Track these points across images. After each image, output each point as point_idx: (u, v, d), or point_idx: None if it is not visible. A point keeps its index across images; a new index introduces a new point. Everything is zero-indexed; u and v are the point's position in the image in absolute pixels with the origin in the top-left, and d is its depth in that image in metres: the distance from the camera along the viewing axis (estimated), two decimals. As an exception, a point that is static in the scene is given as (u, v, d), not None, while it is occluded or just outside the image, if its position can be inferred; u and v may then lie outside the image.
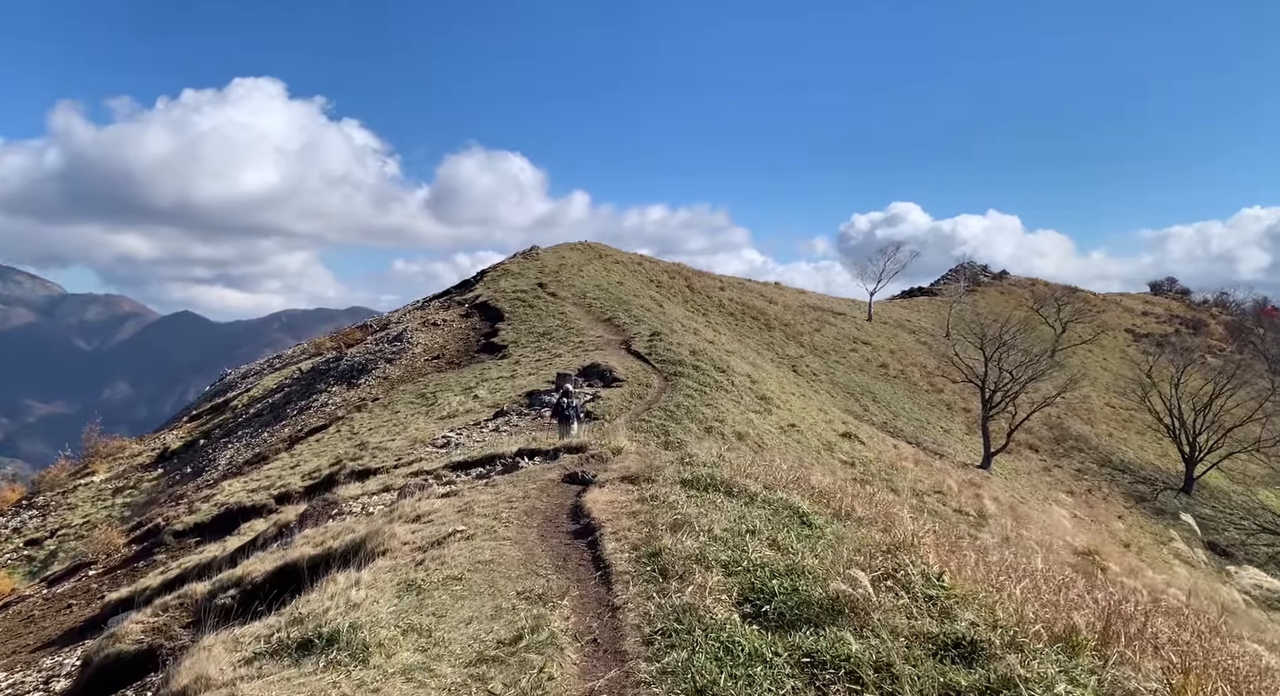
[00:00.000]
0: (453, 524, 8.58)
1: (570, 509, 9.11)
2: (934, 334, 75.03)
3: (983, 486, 33.27)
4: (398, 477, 15.90)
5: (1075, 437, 58.08)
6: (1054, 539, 28.82)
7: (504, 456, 15.01)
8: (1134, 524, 46.96)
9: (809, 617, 5.67)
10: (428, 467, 16.02)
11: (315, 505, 13.71)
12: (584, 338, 36.42)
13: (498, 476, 12.07)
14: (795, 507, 8.56)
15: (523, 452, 14.68)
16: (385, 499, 14.04)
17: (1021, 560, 9.43)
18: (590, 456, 12.24)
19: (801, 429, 28.84)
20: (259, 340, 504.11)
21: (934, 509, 25.45)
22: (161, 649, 8.59)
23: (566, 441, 14.15)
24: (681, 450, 11.90)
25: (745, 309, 59.09)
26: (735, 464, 10.77)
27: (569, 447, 13.69)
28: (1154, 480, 54.99)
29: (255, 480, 26.81)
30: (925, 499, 26.10)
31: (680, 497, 8.68)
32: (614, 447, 12.66)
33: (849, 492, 10.28)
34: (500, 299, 43.65)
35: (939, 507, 25.72)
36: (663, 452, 12.26)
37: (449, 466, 15.79)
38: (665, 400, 26.71)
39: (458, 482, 13.10)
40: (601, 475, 10.39)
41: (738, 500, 8.77)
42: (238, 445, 37.26)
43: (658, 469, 10.09)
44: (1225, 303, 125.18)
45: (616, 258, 58.39)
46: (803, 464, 13.53)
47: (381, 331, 45.50)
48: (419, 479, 15.31)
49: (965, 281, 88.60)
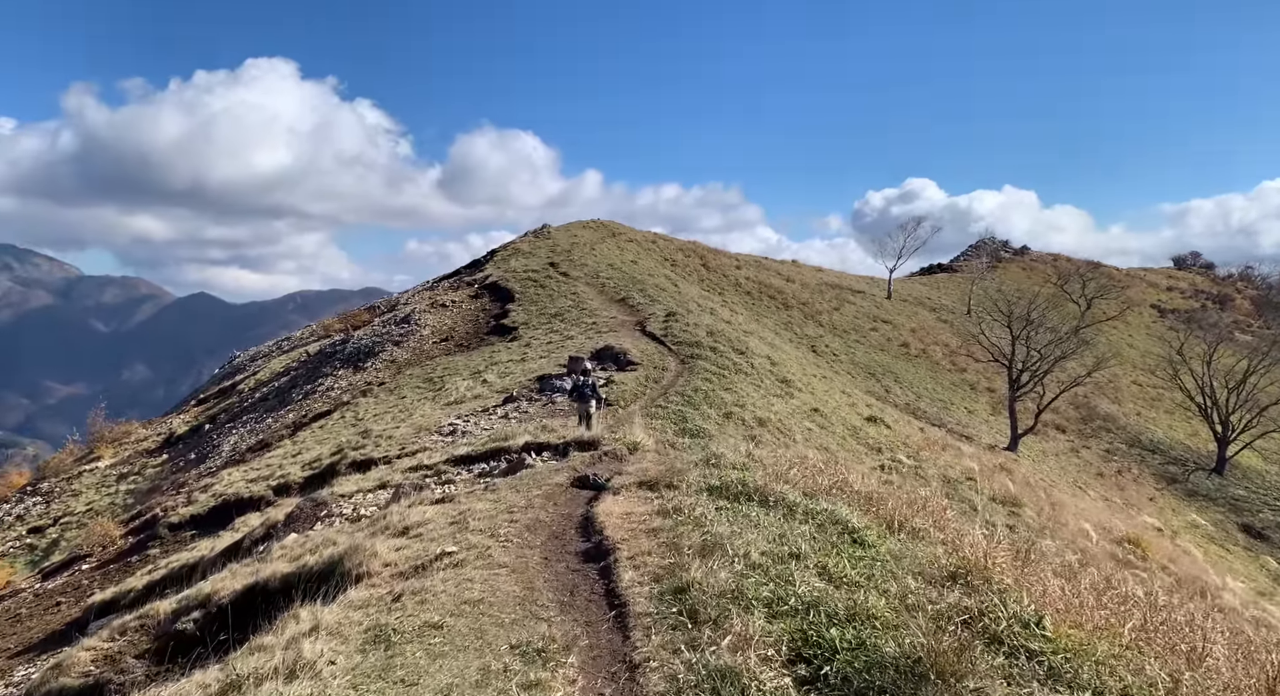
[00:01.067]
0: (443, 542, 7.38)
1: (580, 521, 7.87)
2: (955, 311, 73.31)
3: (1013, 470, 31.88)
4: (396, 472, 14.72)
5: (1103, 417, 56.47)
6: (1090, 526, 27.46)
7: (510, 450, 13.78)
8: (1166, 506, 45.47)
9: (883, 686, 4.41)
10: (428, 461, 14.82)
11: (303, 505, 12.56)
12: (597, 319, 35.12)
13: (499, 478, 10.86)
14: (843, 521, 7.29)
15: (530, 446, 13.45)
16: (379, 498, 12.87)
17: (1115, 583, 8.09)
18: (603, 454, 10.98)
19: (825, 413, 27.52)
20: (274, 321, 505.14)
21: (966, 496, 24.13)
22: (110, 685, 7.45)
23: (579, 435, 12.90)
24: (705, 448, 10.62)
25: (762, 288, 57.60)
26: (767, 464, 9.49)
27: (580, 442, 12.45)
28: (1185, 461, 53.36)
29: (255, 469, 25.78)
30: (957, 486, 24.78)
31: (708, 510, 7.42)
32: (630, 443, 11.41)
33: (899, 497, 9.00)
34: (511, 279, 42.37)
35: (971, 495, 24.39)
36: (684, 452, 10.97)
37: (451, 460, 14.59)
38: (682, 384, 25.43)
39: (457, 482, 11.90)
40: (616, 479, 9.15)
41: (774, 512, 7.51)
42: (242, 430, 36.29)
43: (680, 472, 8.83)
44: (1250, 276, 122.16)
45: (630, 236, 56.95)
46: (836, 459, 12.20)
47: (389, 313, 44.36)
48: (417, 475, 14.12)
49: (986, 258, 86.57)
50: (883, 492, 8.96)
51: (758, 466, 9.20)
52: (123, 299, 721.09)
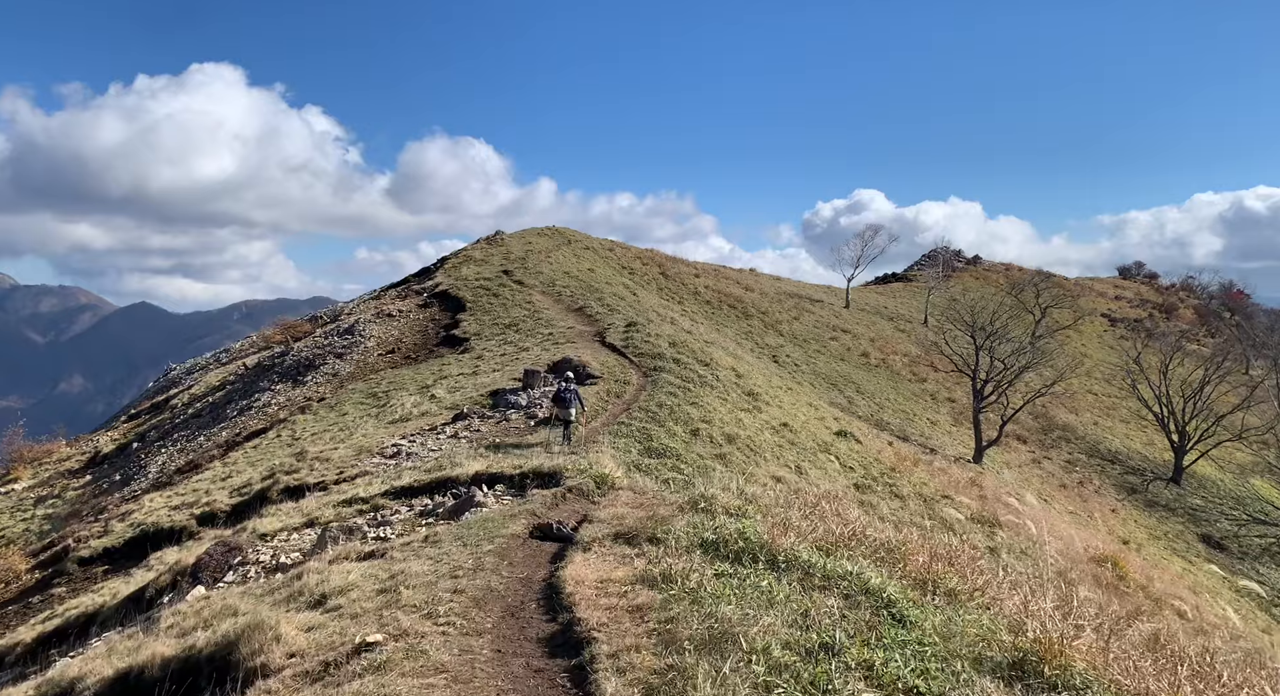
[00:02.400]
0: (365, 623, 5.77)
1: (542, 590, 6.29)
2: (912, 320, 72.99)
3: (984, 486, 30.91)
4: (327, 507, 12.92)
5: (1061, 427, 56.23)
6: (1066, 544, 26.54)
7: (457, 482, 12.10)
8: (1128, 517, 45.11)
9: None
10: (364, 493, 13.06)
11: (215, 551, 10.74)
12: (553, 329, 33.45)
13: (443, 523, 9.20)
14: (875, 589, 5.83)
15: (481, 478, 11.78)
16: (305, 540, 11.10)
17: (1164, 638, 6.72)
18: (568, 491, 9.37)
19: (794, 428, 26.19)
20: (220, 331, 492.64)
21: (945, 516, 22.97)
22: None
23: (538, 465, 11.25)
24: (691, 485, 9.10)
25: (722, 297, 56.42)
26: (766, 507, 8.00)
27: (540, 474, 10.82)
28: (1143, 470, 53.24)
29: (180, 495, 23.61)
30: (934, 505, 23.61)
31: (705, 576, 5.89)
32: (598, 476, 9.84)
33: (924, 548, 7.57)
34: (462, 287, 40.49)
35: (951, 514, 23.25)
36: (665, 490, 9.43)
37: (390, 493, 12.84)
38: (646, 399, 23.92)
39: (394, 522, 10.20)
40: (586, 528, 7.57)
41: (787, 577, 6.02)
42: (172, 450, 33.88)
43: (664, 521, 7.29)
44: (1192, 286, 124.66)
45: (586, 243, 55.38)
46: (836, 497, 10.75)
47: (333, 323, 42.14)
48: (351, 510, 12.36)
49: (940, 267, 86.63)
50: (905, 542, 7.53)
51: (756, 511, 7.72)
52: (60, 309, 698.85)
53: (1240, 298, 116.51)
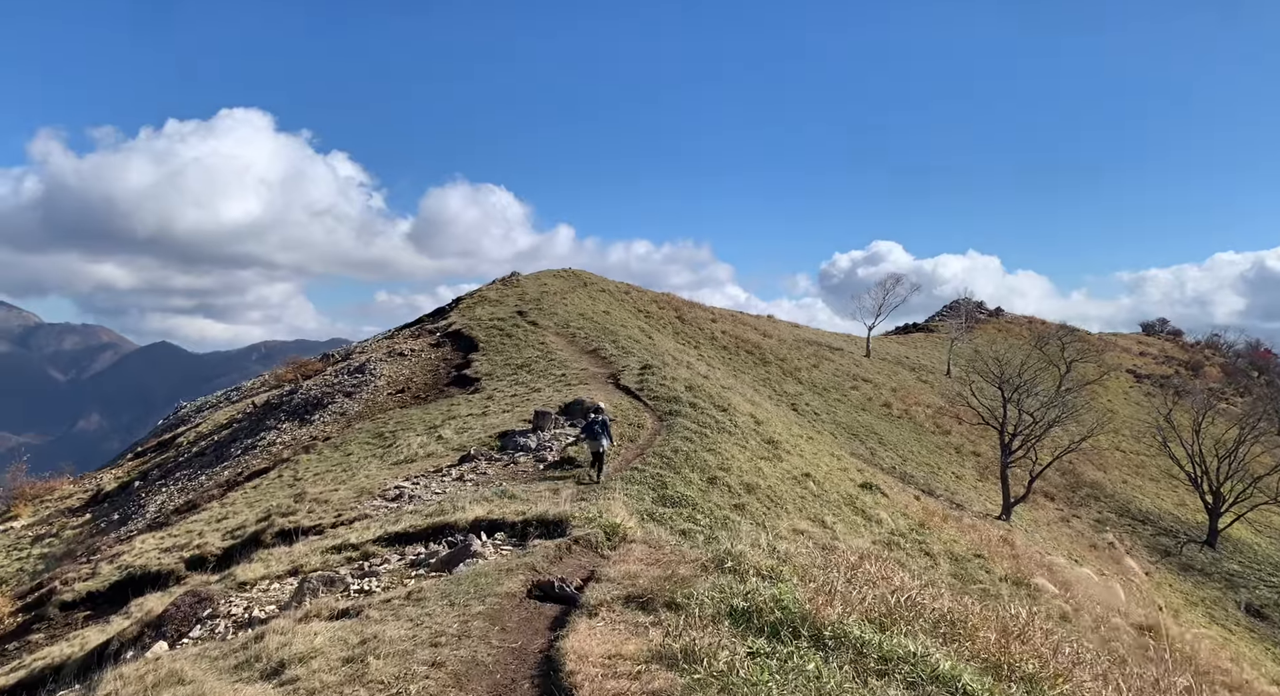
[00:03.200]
0: (321, 703, 4.73)
1: (538, 666, 5.20)
2: (935, 371, 71.60)
3: (1016, 544, 29.41)
4: (315, 554, 11.87)
5: (1090, 484, 54.41)
6: (1106, 610, 24.96)
7: (455, 528, 11.05)
8: (1162, 581, 43.16)
9: None
10: (355, 540, 12.01)
11: (183, 602, 9.70)
12: (566, 370, 32.50)
13: (430, 579, 8.11)
14: (945, 676, 4.75)
15: (480, 524, 10.73)
16: (285, 590, 10.05)
17: None
18: (574, 542, 8.29)
19: (818, 479, 24.96)
20: (238, 371, 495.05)
21: (977, 578, 21.57)
22: None
23: (542, 511, 10.19)
24: (715, 541, 8.01)
25: (739, 342, 55.40)
26: (803, 568, 6.90)
27: (544, 521, 9.76)
28: (1176, 532, 51.24)
29: (173, 536, 22.58)
30: (966, 565, 22.22)
31: (737, 655, 4.81)
32: (608, 526, 8.77)
33: (990, 621, 6.44)
34: (475, 327, 39.72)
35: (983, 576, 21.84)
36: (685, 545, 8.34)
37: (383, 539, 11.79)
38: (660, 444, 22.80)
39: (381, 574, 9.15)
40: (592, 589, 6.48)
41: (837, 658, 4.94)
42: (173, 489, 32.93)
43: (685, 582, 6.21)
44: (1217, 344, 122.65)
45: (602, 286, 54.70)
46: (879, 557, 9.59)
47: (344, 362, 41.40)
48: (339, 557, 11.32)
49: (963, 318, 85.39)
50: (968, 615, 6.41)
51: (792, 572, 6.62)
52: (82, 347, 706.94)
53: (1268, 356, 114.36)
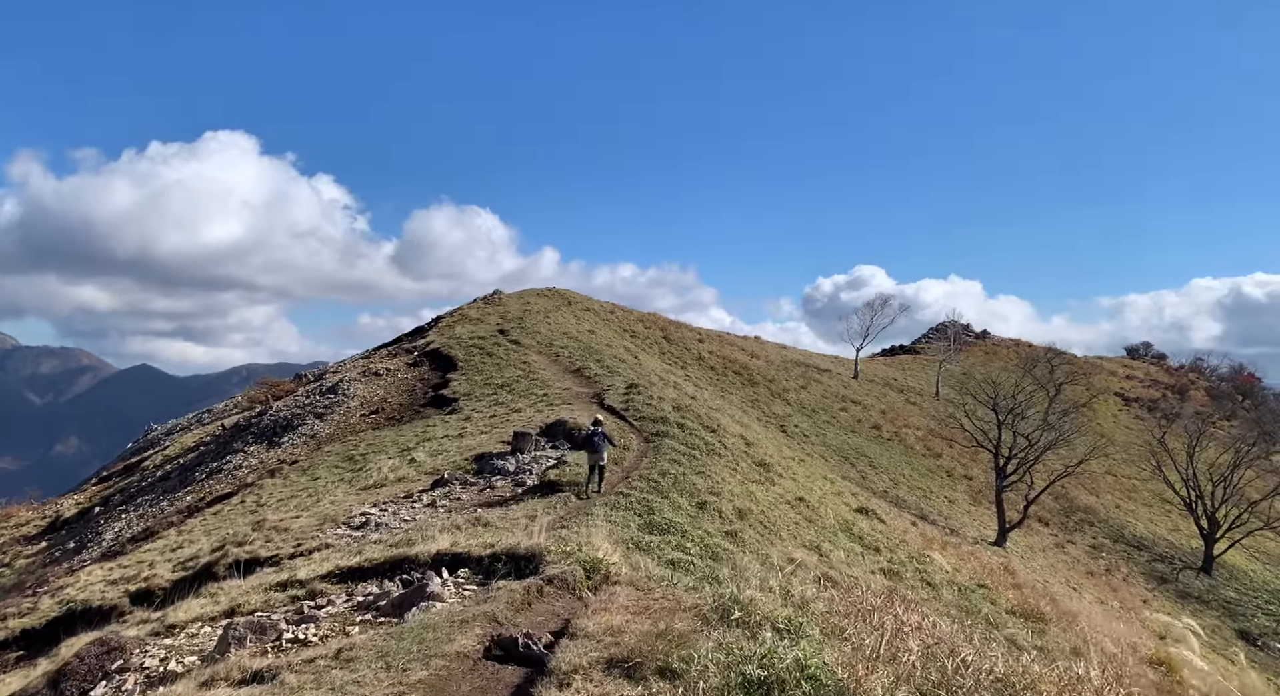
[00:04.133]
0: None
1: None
2: (923, 394, 70.69)
3: (1016, 572, 28.19)
4: (254, 594, 10.49)
5: (1083, 509, 53.36)
6: (1115, 643, 23.74)
7: (414, 563, 9.72)
8: (1160, 609, 41.98)
9: None
10: (303, 575, 10.65)
11: (88, 653, 8.31)
12: (549, 390, 31.18)
13: (368, 632, 6.79)
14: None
15: (443, 559, 9.40)
16: (209, 638, 8.68)
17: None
18: (549, 582, 6.98)
19: (812, 503, 23.69)
20: (219, 395, 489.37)
21: (981, 609, 20.28)
22: None
23: (512, 545, 8.88)
24: (717, 582, 6.75)
25: (727, 363, 54.24)
26: (825, 616, 5.64)
27: (514, 555, 8.46)
28: (1171, 558, 50.16)
29: (122, 567, 21.02)
30: (970, 596, 20.93)
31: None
32: (588, 562, 7.49)
33: (1059, 687, 5.21)
34: (454, 346, 38.35)
35: (987, 608, 20.56)
36: (681, 586, 7.05)
37: (335, 575, 10.44)
38: (647, 466, 21.51)
39: (321, 619, 7.81)
40: (567, 648, 5.15)
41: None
42: (132, 515, 31.27)
43: (682, 640, 4.93)
44: (1201, 368, 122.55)
45: (587, 305, 53.50)
46: (911, 600, 8.33)
47: (316, 382, 39.88)
48: (284, 596, 9.97)
49: (951, 341, 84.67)
50: (1035, 682, 5.18)
51: (813, 623, 5.35)
52: (60, 370, 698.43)
53: (1251, 381, 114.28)
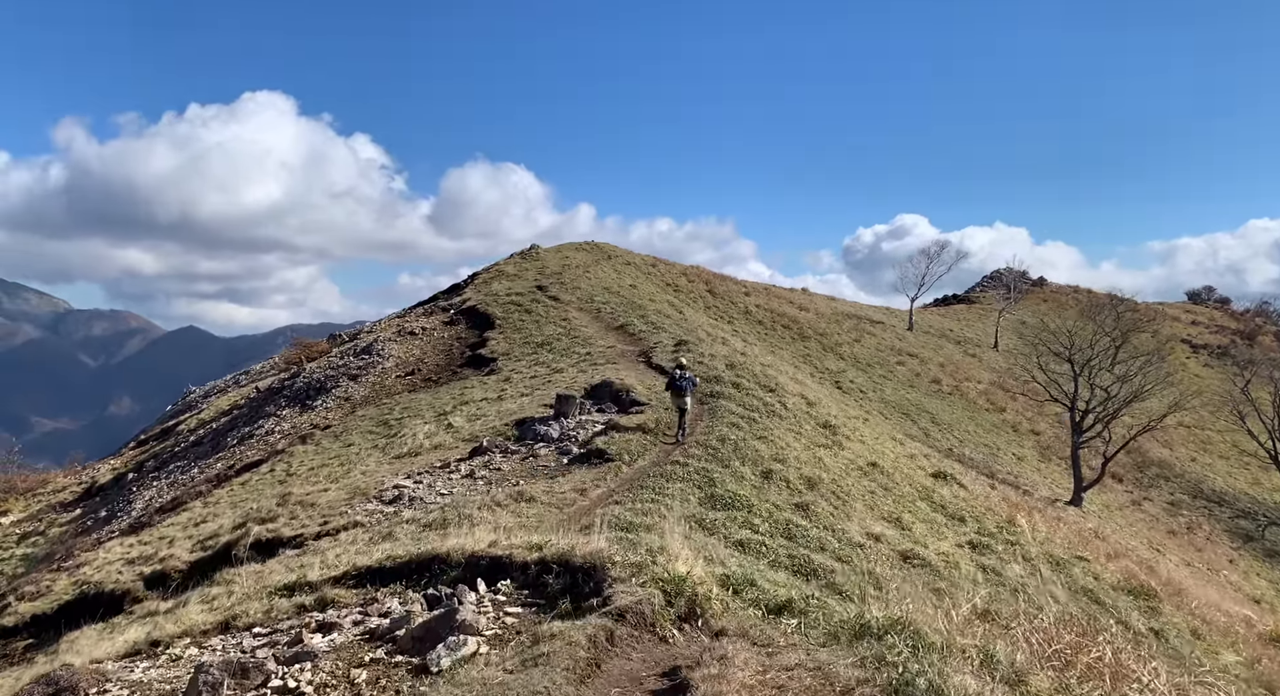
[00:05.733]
0: None
1: None
2: (981, 345, 67.64)
3: (1108, 538, 25.89)
4: (256, 600, 8.67)
5: (1157, 464, 50.47)
6: (1226, 617, 21.44)
7: (445, 564, 7.83)
8: (1249, 570, 39.37)
9: None
10: (314, 576, 8.82)
11: (33, 693, 6.56)
12: (591, 348, 29.21)
13: (389, 672, 4.91)
14: None
15: (478, 563, 7.46)
16: (182, 675, 6.86)
17: None
18: (618, 618, 4.96)
19: (885, 468, 21.51)
20: (264, 355, 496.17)
21: (1090, 588, 18.09)
22: None
23: (564, 548, 6.90)
24: (835, 591, 4.72)
25: (775, 317, 51.82)
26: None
27: (568, 564, 6.48)
28: (1254, 514, 47.18)
29: (143, 544, 19.64)
30: (1069, 571, 18.73)
31: None
32: (670, 581, 5.48)
33: None
34: (491, 303, 36.48)
35: (1091, 584, 18.36)
36: (814, 638, 4.97)
37: (350, 576, 8.59)
38: (704, 431, 19.48)
39: (320, 655, 5.94)
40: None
41: None
42: (163, 483, 30.12)
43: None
44: (1267, 312, 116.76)
45: (627, 259, 51.26)
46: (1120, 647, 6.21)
47: (350, 342, 38.35)
48: (289, 605, 8.17)
49: (1011, 288, 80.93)
50: None
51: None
52: (111, 333, 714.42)
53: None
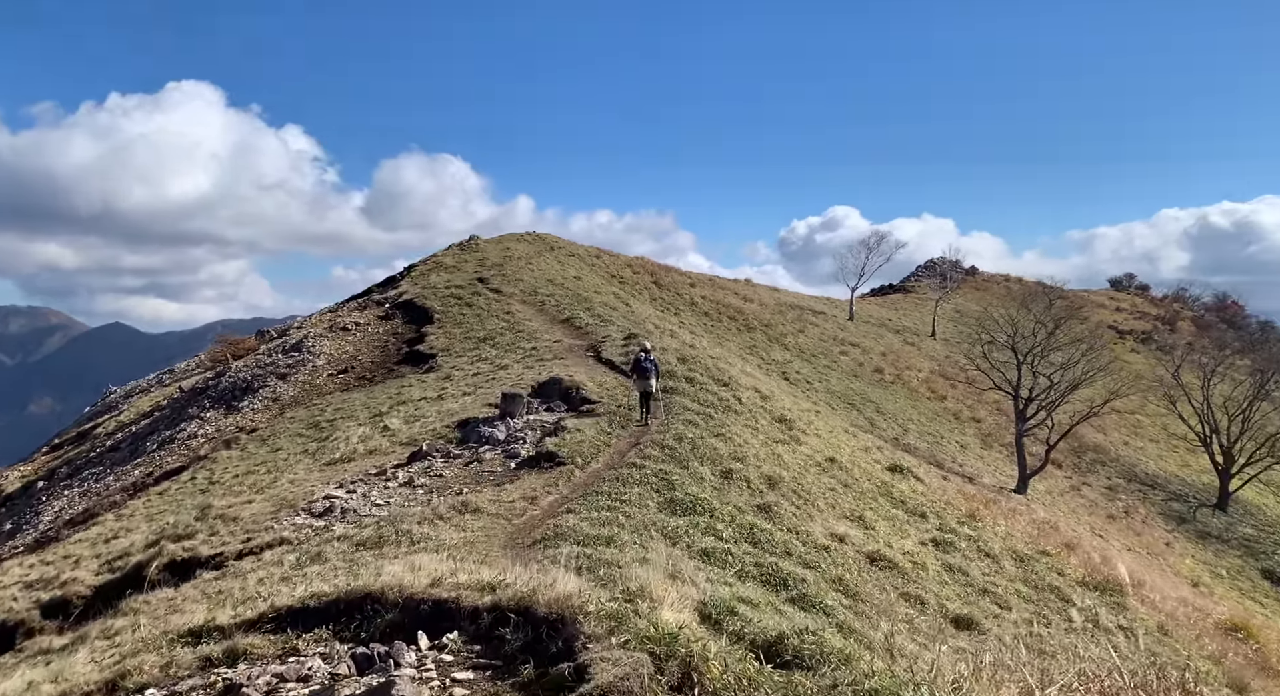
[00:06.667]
0: None
1: None
2: (919, 334, 68.18)
3: (1062, 529, 25.75)
4: (152, 652, 7.41)
5: (1094, 449, 51.30)
6: (1180, 607, 21.36)
7: (379, 604, 6.74)
8: (1184, 552, 40.10)
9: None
10: (224, 620, 7.62)
11: None
12: (537, 343, 28.03)
13: None
14: None
15: (420, 609, 6.36)
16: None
17: None
18: (579, 678, 3.98)
19: (843, 463, 20.87)
20: (194, 352, 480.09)
21: (1054, 585, 17.69)
22: None
23: (519, 592, 5.85)
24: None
25: (720, 308, 51.21)
26: None
27: (528, 613, 5.44)
28: (1185, 496, 48.34)
29: (45, 563, 17.92)
30: (1034, 567, 18.33)
31: None
32: (658, 639, 4.51)
33: None
34: (430, 296, 34.96)
35: (1057, 580, 17.98)
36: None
37: (267, 619, 7.44)
38: (660, 430, 18.56)
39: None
40: None
41: None
42: (75, 492, 28.06)
43: None
44: (1184, 298, 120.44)
45: (571, 250, 50.05)
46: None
47: (279, 339, 36.45)
48: (192, 657, 6.99)
49: (947, 278, 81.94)
50: None
51: None
52: (29, 329, 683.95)
53: (1236, 309, 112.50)
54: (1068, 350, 41.44)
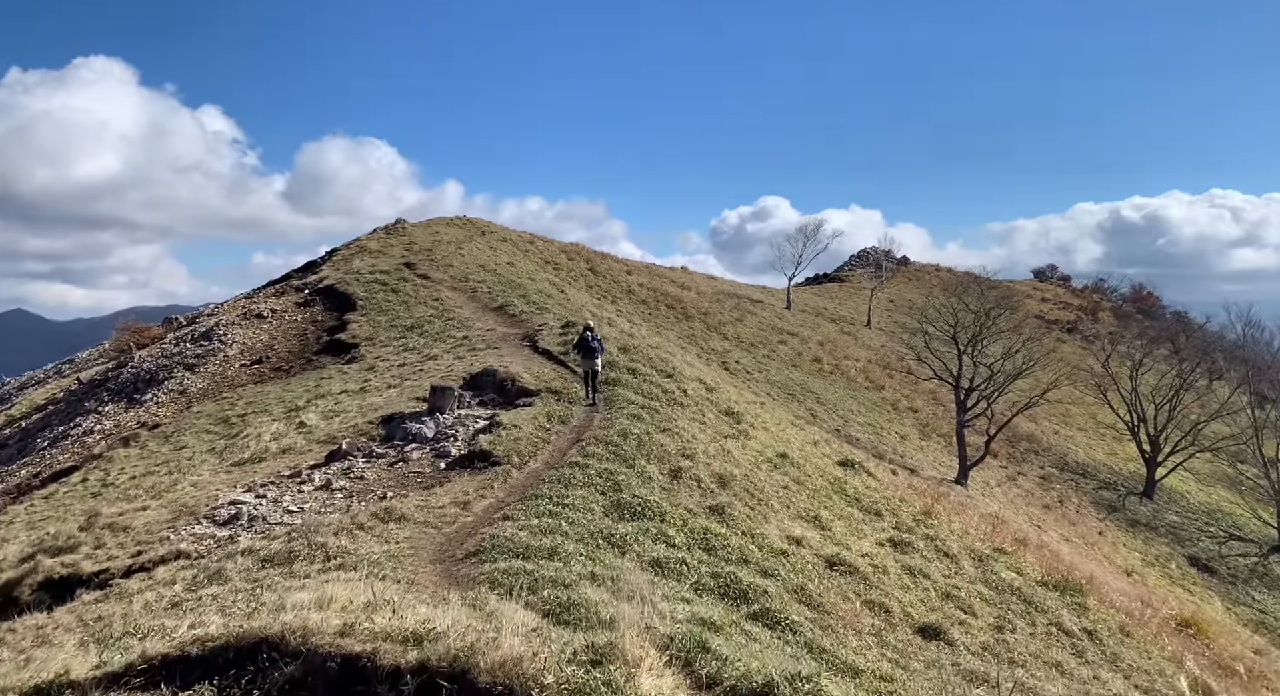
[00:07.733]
0: None
1: None
2: (855, 323, 68.23)
3: (1008, 522, 25.32)
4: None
5: (1027, 438, 51.80)
6: (1131, 602, 21.02)
7: (279, 653, 5.29)
8: (1116, 541, 40.58)
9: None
10: (82, 673, 6.08)
11: None
12: (469, 332, 26.42)
13: None
14: None
15: (327, 667, 4.96)
16: None
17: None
18: None
19: (794, 458, 19.89)
20: (102, 340, 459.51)
21: (1013, 584, 16.98)
22: None
23: (459, 652, 4.55)
24: None
25: (658, 296, 50.09)
26: None
27: (464, 678, 4.13)
28: (1114, 485, 49.12)
29: (-95, 580, 15.73)
30: (992, 566, 17.61)
31: None
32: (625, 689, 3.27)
33: None
34: (352, 282, 32.95)
35: (1016, 580, 17.28)
36: None
37: (134, 673, 6.00)
38: (602, 424, 17.29)
39: None
40: None
41: None
42: (-46, 495, 25.42)
43: None
44: (1103, 289, 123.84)
45: (503, 235, 48.28)
46: None
47: (189, 326, 33.99)
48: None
49: (881, 267, 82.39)
50: None
51: None
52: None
53: (1152, 299, 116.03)
54: (1007, 339, 41.50)
